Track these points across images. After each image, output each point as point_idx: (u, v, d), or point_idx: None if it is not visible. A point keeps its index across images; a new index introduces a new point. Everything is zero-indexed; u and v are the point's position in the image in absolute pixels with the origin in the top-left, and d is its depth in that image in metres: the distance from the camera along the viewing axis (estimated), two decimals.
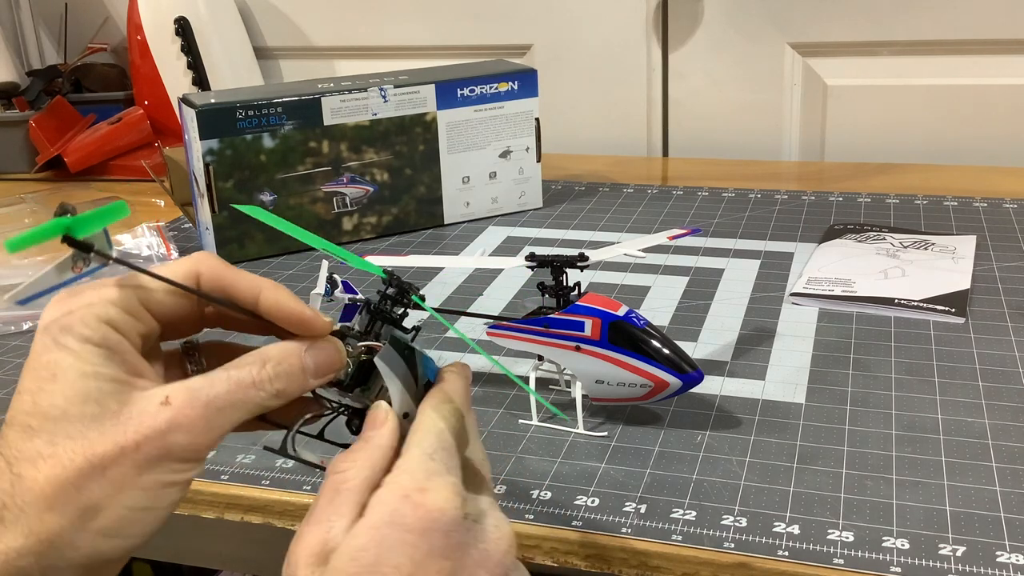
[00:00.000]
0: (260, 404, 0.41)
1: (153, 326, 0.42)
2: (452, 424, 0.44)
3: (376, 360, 0.45)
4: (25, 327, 0.87)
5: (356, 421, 0.47)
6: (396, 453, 0.42)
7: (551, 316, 0.65)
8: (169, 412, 0.38)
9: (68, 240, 0.37)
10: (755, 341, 0.79)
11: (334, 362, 0.44)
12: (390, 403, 0.45)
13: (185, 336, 0.45)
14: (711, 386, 0.71)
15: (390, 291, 0.48)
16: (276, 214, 0.49)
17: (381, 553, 0.38)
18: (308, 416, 0.47)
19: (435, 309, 0.85)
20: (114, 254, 0.40)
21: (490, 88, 1.07)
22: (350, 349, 0.45)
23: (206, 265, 0.43)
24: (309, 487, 0.63)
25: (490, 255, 1.00)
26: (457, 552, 0.39)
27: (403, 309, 0.49)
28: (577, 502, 0.60)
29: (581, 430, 0.67)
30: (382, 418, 0.44)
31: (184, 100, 1.00)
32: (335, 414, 0.48)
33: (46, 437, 0.37)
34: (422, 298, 0.49)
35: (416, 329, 0.50)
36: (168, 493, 0.38)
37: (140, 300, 0.41)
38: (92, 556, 0.37)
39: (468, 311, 0.85)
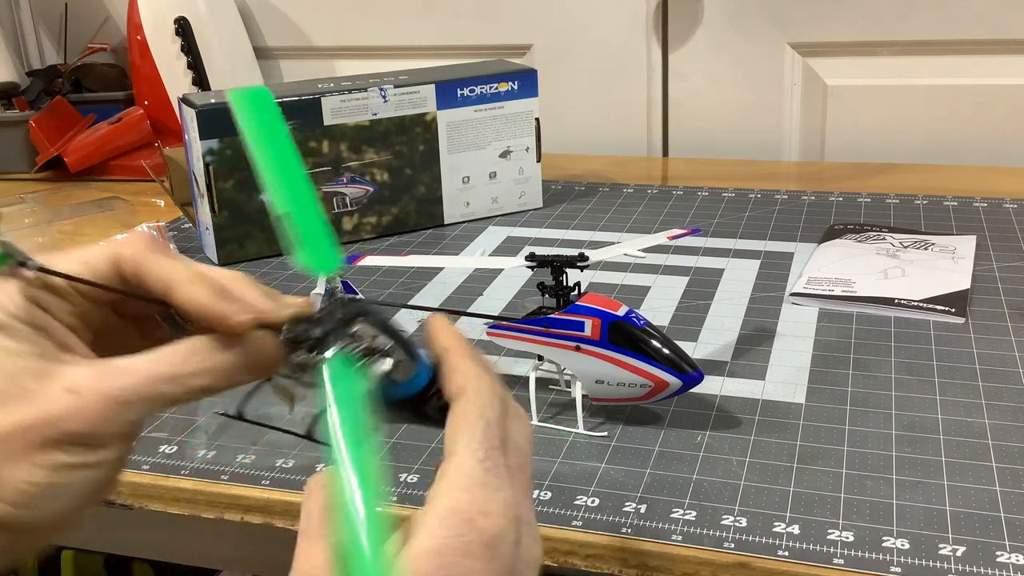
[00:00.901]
0: (178, 399, 0.39)
1: (85, 304, 0.41)
2: (498, 412, 0.40)
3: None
4: None
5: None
6: None
7: (551, 316, 0.65)
8: (69, 400, 0.37)
9: None
10: (755, 341, 0.79)
11: (269, 360, 0.41)
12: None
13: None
14: (711, 386, 0.71)
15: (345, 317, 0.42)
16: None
17: None
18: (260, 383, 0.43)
19: (435, 309, 0.85)
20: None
21: (490, 88, 1.07)
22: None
23: (130, 249, 0.41)
24: None
25: (490, 255, 1.00)
26: (516, 570, 0.38)
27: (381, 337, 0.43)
28: (577, 502, 0.60)
29: (581, 430, 0.67)
30: None
31: (184, 100, 1.00)
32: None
33: None
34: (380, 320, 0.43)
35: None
36: (73, 474, 0.37)
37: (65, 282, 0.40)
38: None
39: (468, 311, 0.85)
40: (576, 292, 0.67)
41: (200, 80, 1.39)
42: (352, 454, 0.37)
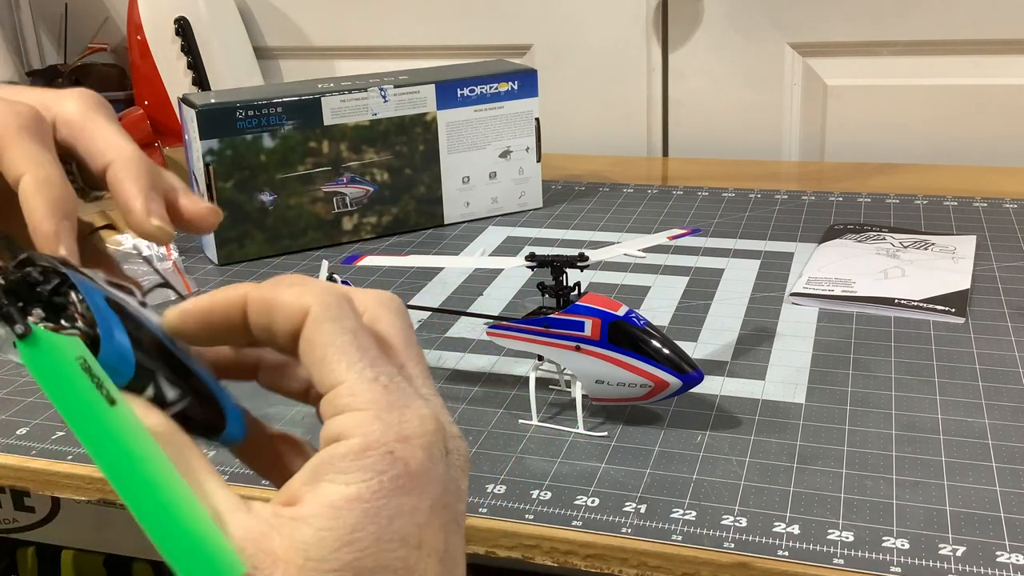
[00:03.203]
0: None
1: None
2: (350, 313, 0.33)
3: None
4: None
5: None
6: None
7: (551, 316, 0.65)
8: None
9: None
10: (755, 341, 0.79)
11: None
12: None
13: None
14: (711, 386, 0.71)
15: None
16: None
17: (381, 531, 0.30)
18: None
19: (435, 309, 0.86)
20: None
21: (490, 88, 1.07)
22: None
23: (71, 108, 0.37)
24: None
25: (490, 255, 1.00)
26: (446, 487, 0.33)
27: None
28: (577, 502, 0.60)
29: (581, 430, 0.67)
30: None
31: (184, 100, 1.00)
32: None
33: None
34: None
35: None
36: None
37: None
38: None
39: (468, 311, 0.85)
40: (576, 292, 0.67)
41: (200, 80, 1.39)
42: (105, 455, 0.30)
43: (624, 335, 0.64)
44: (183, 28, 1.37)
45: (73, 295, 0.32)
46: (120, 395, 0.31)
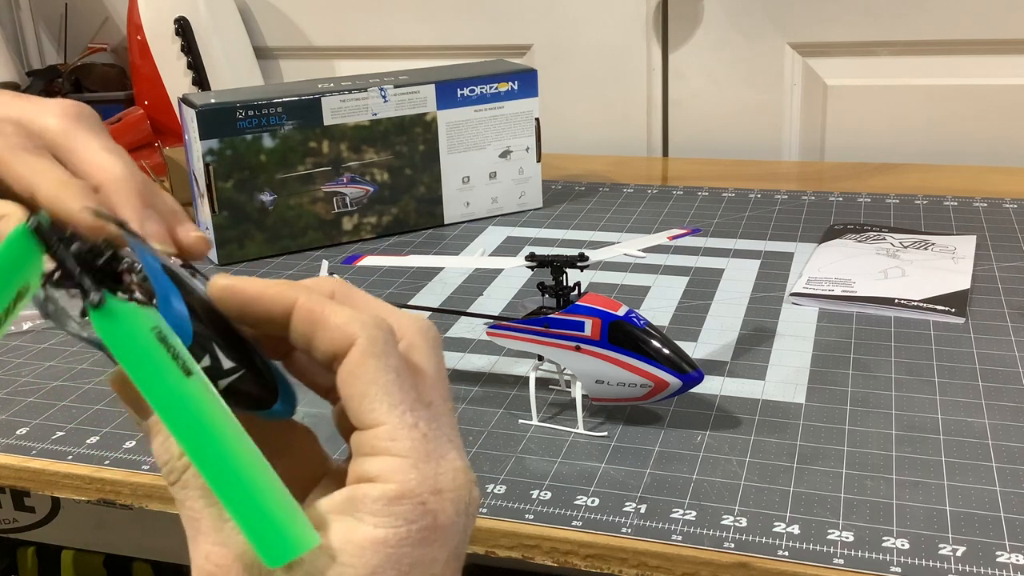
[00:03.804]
0: None
1: None
2: (394, 352, 0.33)
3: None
4: (25, 327, 0.87)
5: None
6: None
7: (551, 316, 0.65)
8: None
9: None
10: (755, 341, 0.79)
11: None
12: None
13: None
14: (711, 386, 0.71)
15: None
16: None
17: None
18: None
19: (435, 309, 0.85)
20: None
21: (490, 88, 1.07)
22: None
23: (53, 125, 0.36)
24: None
25: (490, 255, 1.00)
26: (463, 538, 0.33)
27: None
28: (577, 502, 0.60)
29: (581, 430, 0.67)
30: None
31: (184, 100, 1.00)
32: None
33: None
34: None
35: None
36: None
37: None
38: None
39: (468, 311, 0.85)
40: (576, 292, 0.67)
41: (200, 80, 1.39)
42: (184, 423, 0.29)
43: (624, 335, 0.64)
44: (183, 28, 1.37)
45: (132, 262, 0.32)
46: (197, 366, 0.31)
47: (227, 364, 0.33)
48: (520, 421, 0.69)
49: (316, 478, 0.37)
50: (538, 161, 1.12)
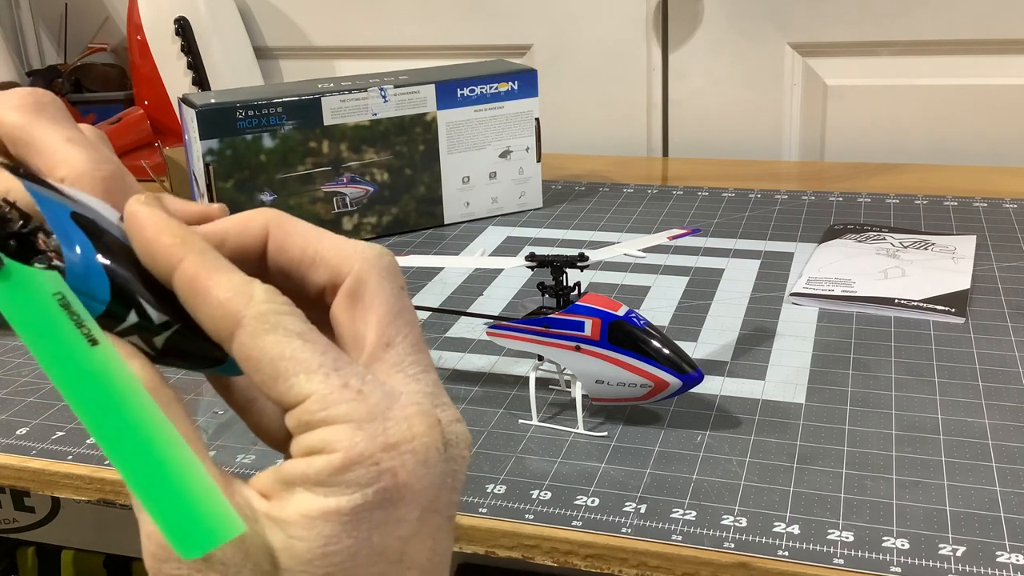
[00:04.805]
0: None
1: None
2: (297, 319, 0.30)
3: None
4: None
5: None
6: None
7: (551, 316, 0.65)
8: None
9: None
10: (755, 341, 0.79)
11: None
12: None
13: None
14: (711, 386, 0.71)
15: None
16: None
17: (358, 546, 0.28)
18: None
19: (435, 309, 0.85)
20: None
21: (490, 88, 1.07)
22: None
23: (12, 119, 0.35)
24: None
25: (490, 255, 1.00)
26: (441, 487, 0.30)
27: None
28: (577, 502, 0.60)
29: (581, 430, 0.67)
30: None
31: (184, 100, 1.00)
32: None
33: None
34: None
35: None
36: None
37: None
38: None
39: (468, 311, 0.85)
40: (576, 292, 0.67)
41: (200, 80, 1.39)
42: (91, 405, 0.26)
43: (624, 335, 0.64)
44: (183, 28, 1.37)
45: (42, 223, 0.28)
46: (104, 336, 0.28)
47: (159, 318, 0.29)
48: (520, 421, 0.69)
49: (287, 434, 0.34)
50: (538, 161, 1.12)
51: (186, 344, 0.30)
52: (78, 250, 0.28)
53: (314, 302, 0.32)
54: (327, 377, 0.29)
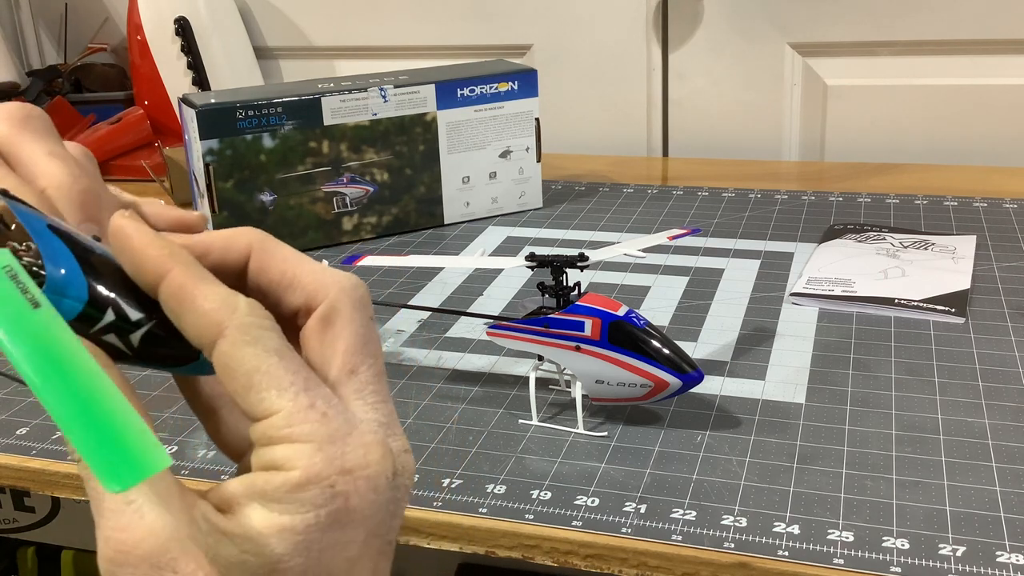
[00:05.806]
0: None
1: None
2: (276, 336, 0.31)
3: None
4: None
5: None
6: None
7: (551, 316, 0.65)
8: None
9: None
10: (755, 341, 0.79)
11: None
12: None
13: None
14: (711, 386, 0.71)
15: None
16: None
17: (308, 564, 0.30)
18: None
19: (434, 309, 0.86)
20: None
21: (490, 88, 1.07)
22: None
23: None
24: None
25: (490, 255, 1.00)
26: (386, 514, 0.31)
27: None
28: (577, 502, 0.60)
29: (581, 430, 0.67)
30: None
31: (184, 100, 1.00)
32: None
33: None
34: None
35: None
36: None
37: None
38: None
39: (468, 311, 0.85)
40: (576, 292, 0.67)
41: (200, 80, 1.39)
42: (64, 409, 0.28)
43: (624, 335, 0.64)
44: (183, 28, 1.37)
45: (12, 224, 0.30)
46: (46, 300, 0.29)
47: (135, 316, 0.31)
48: (520, 421, 0.69)
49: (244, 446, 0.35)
50: (538, 161, 1.12)
51: (159, 340, 0.32)
52: (56, 253, 0.30)
53: (286, 323, 0.33)
54: (296, 396, 0.30)
